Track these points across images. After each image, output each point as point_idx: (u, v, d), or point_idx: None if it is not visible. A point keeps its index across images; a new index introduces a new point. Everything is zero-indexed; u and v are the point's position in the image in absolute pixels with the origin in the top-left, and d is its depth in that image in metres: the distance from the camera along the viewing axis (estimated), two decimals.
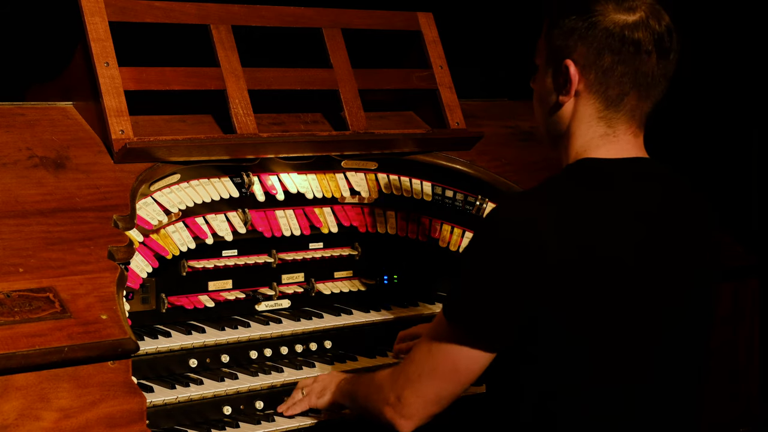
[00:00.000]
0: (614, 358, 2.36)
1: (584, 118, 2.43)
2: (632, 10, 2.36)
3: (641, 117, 2.44)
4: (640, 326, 2.38)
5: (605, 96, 2.40)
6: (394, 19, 3.49)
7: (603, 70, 2.37)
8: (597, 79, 2.38)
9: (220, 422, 2.81)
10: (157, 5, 3.09)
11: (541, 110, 2.52)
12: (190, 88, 3.07)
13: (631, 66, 2.37)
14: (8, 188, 2.68)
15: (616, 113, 2.41)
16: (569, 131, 2.45)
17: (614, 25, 2.35)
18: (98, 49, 2.93)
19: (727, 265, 3.55)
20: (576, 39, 2.38)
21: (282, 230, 3.19)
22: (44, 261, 2.54)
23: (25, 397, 2.32)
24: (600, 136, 2.42)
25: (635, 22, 2.36)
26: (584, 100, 2.42)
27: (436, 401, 2.45)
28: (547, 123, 2.50)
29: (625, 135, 2.43)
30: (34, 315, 2.40)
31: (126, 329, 2.47)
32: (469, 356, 2.40)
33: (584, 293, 2.32)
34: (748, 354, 3.60)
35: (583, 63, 2.38)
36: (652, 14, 2.37)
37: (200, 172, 3.05)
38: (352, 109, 3.31)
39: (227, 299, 3.13)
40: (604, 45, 2.36)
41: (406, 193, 3.40)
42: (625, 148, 2.43)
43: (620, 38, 2.35)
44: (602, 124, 2.42)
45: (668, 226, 2.42)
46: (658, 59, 2.38)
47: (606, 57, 2.36)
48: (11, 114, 2.88)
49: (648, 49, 2.36)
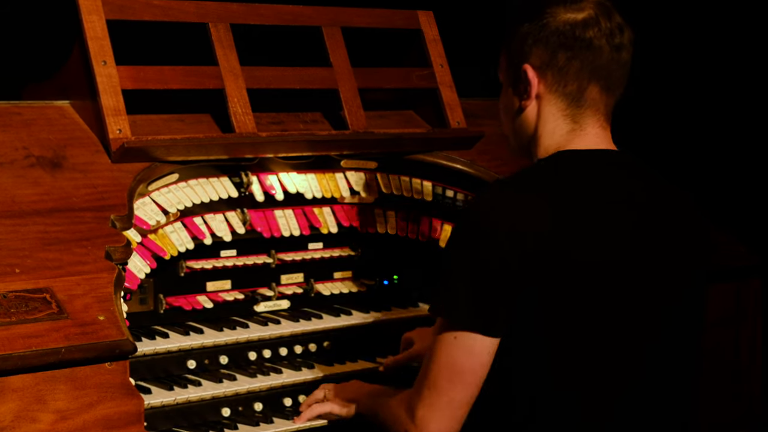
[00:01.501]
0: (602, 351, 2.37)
1: (549, 117, 2.49)
2: (580, 9, 2.45)
3: (606, 110, 2.50)
4: (627, 318, 2.38)
5: (565, 93, 2.47)
6: (394, 17, 3.48)
7: (559, 68, 2.45)
8: (554, 78, 2.46)
9: (218, 424, 2.80)
10: (155, 3, 3.08)
11: (507, 119, 2.59)
12: (188, 87, 3.06)
13: (586, 60, 2.44)
14: (5, 188, 2.67)
15: (579, 108, 2.47)
16: (537, 134, 2.52)
17: (564, 24, 2.44)
18: (96, 48, 2.92)
19: (730, 264, 3.55)
20: (530, 43, 2.47)
21: (281, 230, 3.18)
22: (41, 261, 2.53)
23: (21, 398, 2.31)
24: (567, 132, 2.49)
25: (584, 19, 2.44)
26: (546, 100, 2.49)
27: (450, 412, 2.42)
28: (515, 131, 2.58)
29: (593, 128, 2.49)
30: (30, 316, 2.39)
31: (124, 330, 2.46)
32: (467, 351, 2.38)
33: (566, 281, 2.33)
34: (750, 354, 3.60)
35: (539, 65, 2.47)
36: (600, 12, 2.45)
37: (199, 171, 3.04)
38: (351, 108, 3.29)
39: (226, 300, 3.12)
40: (556, 44, 2.44)
41: (406, 193, 3.39)
42: (594, 141, 2.49)
43: (571, 36, 2.43)
44: (568, 121, 2.48)
45: (651, 214, 2.45)
46: (611, 53, 2.45)
47: (560, 55, 2.44)
48: (8, 113, 2.87)
49: (600, 44, 2.44)
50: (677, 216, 2.50)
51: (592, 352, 2.37)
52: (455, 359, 2.39)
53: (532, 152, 2.54)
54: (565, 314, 2.34)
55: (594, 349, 2.37)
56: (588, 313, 2.35)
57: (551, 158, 2.48)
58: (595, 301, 2.35)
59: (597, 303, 2.36)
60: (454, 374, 2.39)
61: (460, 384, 2.39)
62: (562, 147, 2.48)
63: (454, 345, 2.38)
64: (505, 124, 2.60)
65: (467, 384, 2.40)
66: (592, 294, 2.35)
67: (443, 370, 2.40)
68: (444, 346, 2.40)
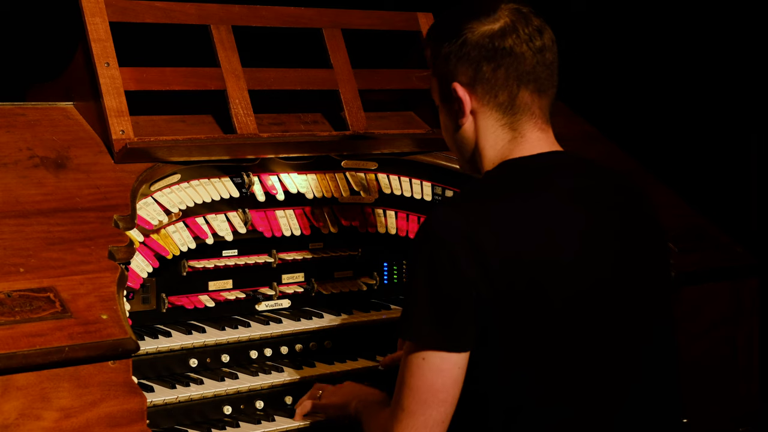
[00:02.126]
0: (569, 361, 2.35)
1: (488, 129, 2.50)
2: (496, 19, 2.45)
3: (542, 112, 2.50)
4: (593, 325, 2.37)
5: (497, 103, 2.47)
6: (394, 19, 3.49)
7: (486, 80, 2.46)
8: (484, 90, 2.47)
9: (220, 422, 2.81)
10: (157, 5, 3.09)
11: (449, 139, 2.60)
12: (190, 88, 3.07)
13: (511, 68, 2.45)
14: (9, 188, 2.68)
15: (515, 116, 2.48)
16: (479, 147, 2.52)
17: (482, 37, 2.45)
18: (99, 50, 2.94)
19: (728, 264, 3.55)
20: (454, 62, 2.48)
21: (282, 230, 3.19)
22: (45, 261, 2.54)
23: (25, 396, 2.32)
24: (508, 141, 2.49)
25: (501, 28, 2.45)
26: (481, 114, 2.49)
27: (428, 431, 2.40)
28: (458, 148, 2.58)
29: (532, 133, 2.49)
30: (34, 315, 2.40)
31: (126, 329, 2.47)
32: (437, 370, 2.36)
33: (526, 289, 2.32)
34: (747, 354, 3.60)
35: (467, 81, 2.48)
36: (516, 19, 2.46)
37: (200, 172, 3.06)
38: (352, 109, 3.31)
39: (227, 299, 3.13)
40: (478, 57, 2.45)
41: (406, 193, 3.40)
42: (537, 145, 2.49)
43: (491, 47, 2.44)
44: (506, 129, 2.49)
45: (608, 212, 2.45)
46: (534, 56, 2.45)
47: (484, 67, 2.45)
48: (12, 114, 2.88)
49: (521, 50, 2.44)
50: (633, 210, 2.50)
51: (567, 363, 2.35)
52: (426, 379, 2.37)
53: (479, 166, 2.54)
54: (529, 322, 2.33)
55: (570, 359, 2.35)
56: (557, 323, 2.33)
57: (497, 169, 2.48)
58: (560, 307, 2.33)
59: (561, 308, 2.34)
60: (427, 394, 2.37)
61: (434, 403, 2.37)
62: (506, 157, 2.48)
63: (423, 366, 2.37)
64: (449, 143, 2.60)
65: (441, 401, 2.37)
66: (559, 302, 2.33)
67: (416, 392, 2.38)
68: (414, 368, 2.38)
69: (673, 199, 3.65)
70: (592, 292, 2.37)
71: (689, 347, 3.37)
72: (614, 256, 2.42)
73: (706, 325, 3.47)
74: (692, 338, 3.40)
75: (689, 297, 3.40)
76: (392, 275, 3.49)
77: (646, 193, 2.57)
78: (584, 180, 2.47)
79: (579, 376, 2.36)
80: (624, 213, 2.48)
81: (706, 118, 4.68)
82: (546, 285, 2.33)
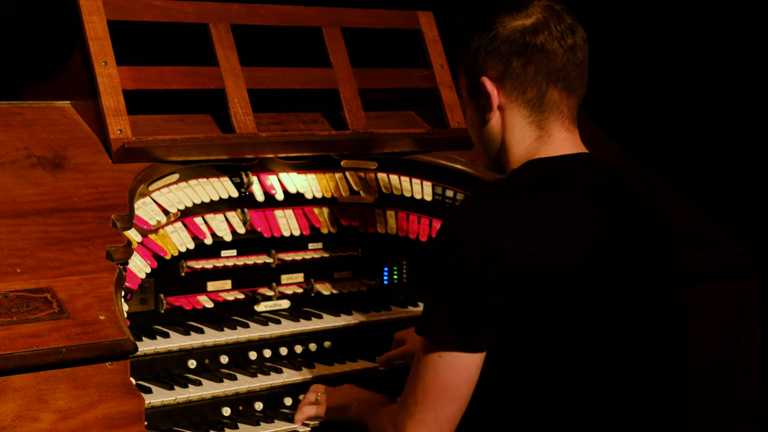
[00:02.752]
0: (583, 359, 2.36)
1: (515, 126, 2.49)
2: (528, 15, 2.44)
3: (570, 112, 2.49)
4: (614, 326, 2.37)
5: (526, 100, 2.46)
6: (394, 18, 3.49)
7: (515, 75, 2.45)
8: (513, 86, 2.46)
9: (219, 423, 2.81)
10: (155, 4, 3.08)
11: (475, 134, 2.59)
12: (188, 87, 3.07)
13: (541, 64, 2.43)
14: (6, 188, 2.68)
15: (542, 114, 2.47)
16: (505, 144, 2.51)
17: (514, 32, 2.44)
18: (96, 48, 2.93)
19: (729, 265, 3.55)
20: (484, 56, 2.47)
21: (281, 230, 3.18)
22: (42, 261, 2.53)
23: (22, 398, 2.31)
24: (535, 139, 2.48)
25: (533, 24, 2.44)
26: (509, 110, 2.48)
27: (438, 428, 2.40)
28: (484, 144, 2.57)
29: (560, 132, 2.48)
30: (31, 315, 2.39)
31: (124, 330, 2.46)
32: (454, 367, 2.37)
33: (547, 290, 2.32)
34: (749, 354, 3.60)
35: (496, 76, 2.47)
36: (549, 15, 2.45)
37: (199, 171, 3.05)
38: (351, 108, 3.30)
39: (226, 300, 3.13)
40: (509, 52, 2.44)
41: (406, 192, 3.40)
42: (564, 145, 2.48)
43: (523, 42, 2.43)
44: (534, 127, 2.48)
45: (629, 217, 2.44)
46: (565, 54, 2.44)
47: (514, 63, 2.44)
48: (9, 113, 2.88)
49: (552, 47, 2.43)
50: (653, 217, 2.50)
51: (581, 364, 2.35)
52: (440, 376, 2.38)
53: (504, 164, 2.53)
54: (547, 325, 2.33)
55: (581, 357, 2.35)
56: (571, 322, 2.34)
57: (522, 168, 2.47)
58: (578, 310, 2.34)
59: (580, 311, 2.34)
60: (441, 391, 2.38)
61: (447, 399, 2.38)
62: (531, 156, 2.47)
63: (439, 363, 2.38)
64: (474, 139, 2.60)
65: (454, 399, 2.39)
66: (574, 302, 2.34)
67: (430, 387, 2.39)
68: (430, 364, 2.39)
69: (675, 198, 3.64)
70: (605, 295, 2.37)
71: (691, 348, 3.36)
72: (628, 261, 2.41)
73: (708, 326, 3.47)
74: (694, 339, 3.37)
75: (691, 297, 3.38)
76: (392, 275, 3.49)
77: (660, 197, 2.56)
78: (604, 184, 2.46)
79: (590, 376, 2.36)
80: (639, 218, 2.47)
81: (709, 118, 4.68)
82: (562, 289, 2.33)
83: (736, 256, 3.59)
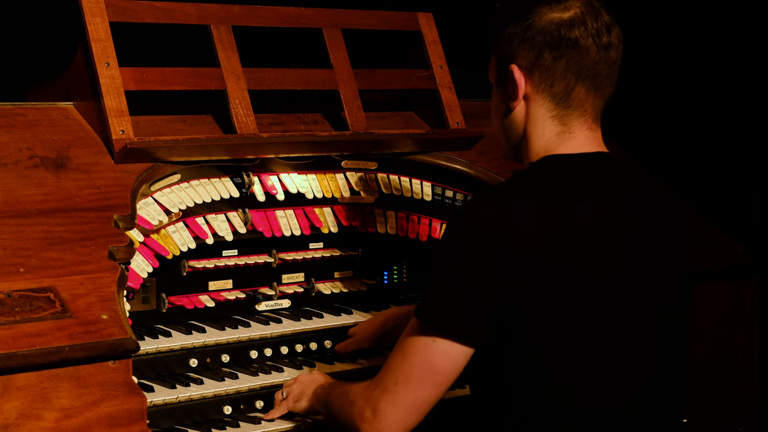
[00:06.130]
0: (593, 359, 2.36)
1: (538, 119, 2.48)
2: (567, 8, 2.43)
3: (594, 111, 2.48)
4: (622, 324, 2.37)
5: (552, 93, 2.45)
6: (394, 19, 3.49)
7: (545, 67, 2.43)
8: (541, 77, 2.44)
9: (220, 422, 2.81)
10: (157, 5, 3.09)
11: (497, 121, 2.58)
12: (190, 88, 3.07)
13: (572, 60, 2.42)
14: (9, 188, 2.68)
15: (567, 110, 2.46)
16: (526, 135, 2.50)
17: (549, 24, 2.42)
18: (99, 50, 2.94)
19: (728, 264, 3.55)
20: (517, 43, 2.45)
21: (282, 230, 3.19)
22: (45, 261, 2.54)
23: (25, 396, 2.32)
24: (556, 134, 2.47)
25: (570, 18, 2.42)
26: (534, 101, 2.47)
27: (413, 410, 2.41)
28: (504, 132, 2.56)
29: (581, 131, 2.47)
30: (34, 315, 2.40)
31: (126, 329, 2.47)
32: (446, 354, 2.37)
33: (558, 289, 2.32)
34: (748, 354, 3.60)
35: (526, 65, 2.45)
36: (587, 11, 2.43)
37: (200, 172, 3.06)
38: (352, 109, 3.31)
39: (227, 299, 3.14)
40: (542, 44, 2.42)
41: (406, 193, 3.41)
42: (584, 144, 2.47)
43: (557, 35, 2.41)
44: (556, 122, 2.47)
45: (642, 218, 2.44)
46: (598, 52, 2.43)
47: (546, 54, 2.42)
48: (12, 114, 2.88)
49: (586, 44, 2.42)
50: (668, 219, 2.49)
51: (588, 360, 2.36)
52: (430, 360, 2.38)
53: (522, 155, 2.53)
54: (557, 323, 2.33)
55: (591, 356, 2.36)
56: (582, 321, 2.34)
57: (539, 163, 2.46)
58: (589, 310, 2.34)
59: (591, 311, 2.34)
60: (425, 374, 2.38)
61: (430, 384, 2.38)
62: (551, 151, 2.46)
63: (431, 346, 2.37)
64: (496, 125, 2.58)
65: (437, 384, 2.39)
66: (586, 302, 2.34)
67: (415, 369, 2.38)
68: (420, 347, 2.38)
69: None
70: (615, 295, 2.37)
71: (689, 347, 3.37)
72: (641, 261, 2.41)
73: (706, 326, 3.47)
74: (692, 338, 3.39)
75: None
76: (392, 275, 3.49)
77: (677, 197, 2.56)
78: (622, 184, 2.46)
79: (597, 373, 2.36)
80: (655, 218, 2.47)
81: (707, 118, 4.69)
82: (573, 286, 2.33)
83: (735, 256, 3.59)
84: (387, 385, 2.42)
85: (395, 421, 2.41)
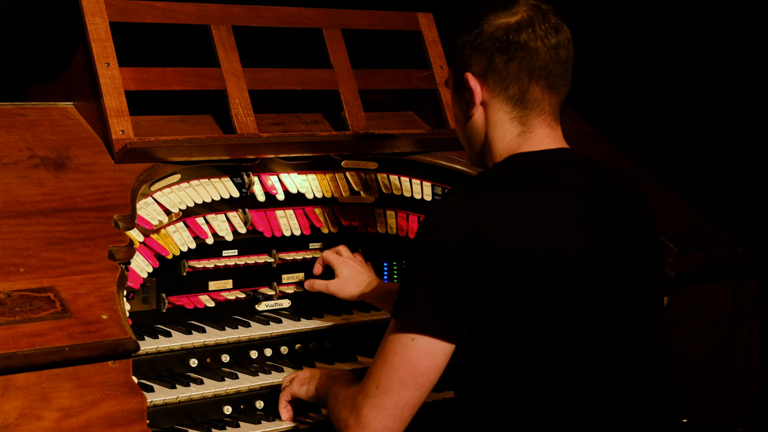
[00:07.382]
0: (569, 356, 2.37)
1: (497, 122, 2.52)
2: (514, 13, 2.48)
3: (552, 109, 2.52)
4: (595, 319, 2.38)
5: (508, 96, 2.49)
6: (394, 19, 3.50)
7: (498, 71, 2.48)
8: (495, 82, 2.49)
9: (220, 422, 2.82)
10: (157, 5, 3.10)
11: (459, 130, 2.62)
12: (190, 88, 3.08)
13: (523, 61, 2.46)
14: (9, 188, 2.68)
15: (524, 110, 2.50)
16: (488, 140, 2.54)
17: (498, 29, 2.47)
18: (99, 50, 2.94)
19: (727, 264, 3.55)
20: (469, 52, 2.51)
21: (282, 230, 3.19)
22: (45, 261, 2.54)
23: (25, 396, 2.32)
24: (517, 135, 2.51)
25: (517, 22, 2.47)
26: (492, 106, 2.51)
27: (396, 414, 2.40)
28: (468, 140, 2.60)
29: (541, 129, 2.51)
30: (34, 315, 2.41)
31: (126, 329, 2.47)
32: (426, 352, 2.37)
33: (532, 284, 2.34)
34: (747, 353, 3.60)
35: (479, 72, 2.50)
36: (534, 14, 2.48)
37: (201, 172, 3.06)
38: (352, 109, 3.31)
39: (227, 299, 3.14)
40: (492, 49, 2.48)
41: (406, 193, 3.41)
42: (545, 141, 2.51)
43: (506, 39, 2.46)
44: (516, 123, 2.51)
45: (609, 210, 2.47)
46: (548, 52, 2.47)
47: (497, 59, 2.47)
48: (12, 114, 2.89)
49: (535, 45, 2.46)
50: (633, 208, 2.52)
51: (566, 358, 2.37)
52: (410, 360, 2.38)
53: (487, 160, 2.56)
54: (534, 319, 2.34)
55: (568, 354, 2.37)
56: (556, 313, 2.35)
57: (504, 162, 2.50)
58: (563, 301, 2.35)
59: (565, 302, 2.35)
60: (407, 374, 2.38)
61: (412, 385, 2.38)
62: (513, 151, 2.50)
63: (410, 346, 2.38)
64: (459, 134, 2.63)
65: (419, 385, 2.39)
66: (561, 296, 2.35)
67: (396, 371, 2.39)
68: (400, 347, 2.39)
69: (672, 198, 3.65)
70: (593, 287, 2.39)
71: (689, 347, 3.38)
72: (615, 253, 2.44)
73: (706, 325, 3.47)
74: (692, 338, 3.41)
75: (689, 296, 3.40)
76: (392, 275, 3.50)
77: (643, 192, 2.59)
78: (587, 177, 2.49)
79: (578, 372, 2.37)
80: (625, 211, 2.50)
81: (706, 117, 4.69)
82: (548, 278, 2.35)
83: (734, 256, 3.59)
84: (369, 390, 2.43)
85: (379, 426, 2.41)
